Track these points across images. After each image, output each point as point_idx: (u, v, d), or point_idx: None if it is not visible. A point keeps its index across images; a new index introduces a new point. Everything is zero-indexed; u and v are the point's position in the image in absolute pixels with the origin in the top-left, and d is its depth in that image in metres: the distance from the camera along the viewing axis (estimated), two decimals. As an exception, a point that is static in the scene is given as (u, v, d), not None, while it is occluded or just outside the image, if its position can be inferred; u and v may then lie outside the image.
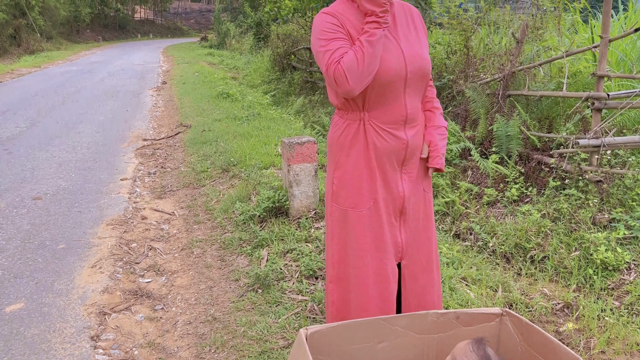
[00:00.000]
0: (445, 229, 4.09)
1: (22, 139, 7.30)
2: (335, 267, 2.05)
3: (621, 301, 2.95)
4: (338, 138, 1.98)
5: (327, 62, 1.77)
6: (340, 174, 1.98)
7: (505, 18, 7.81)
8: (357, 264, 1.97)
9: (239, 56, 20.43)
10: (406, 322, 1.60)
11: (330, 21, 1.84)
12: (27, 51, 23.31)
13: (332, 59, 1.76)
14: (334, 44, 1.80)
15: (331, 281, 2.08)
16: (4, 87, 13.17)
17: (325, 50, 1.79)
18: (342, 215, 1.98)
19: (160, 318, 2.93)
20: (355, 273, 1.98)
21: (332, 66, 1.75)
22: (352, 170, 1.94)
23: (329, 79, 1.78)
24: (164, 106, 10.43)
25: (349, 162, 1.94)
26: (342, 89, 1.76)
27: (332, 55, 1.77)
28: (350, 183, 1.95)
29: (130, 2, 55.00)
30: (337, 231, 2.01)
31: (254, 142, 6.20)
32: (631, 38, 5.80)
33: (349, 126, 1.94)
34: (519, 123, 4.72)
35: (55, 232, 4.10)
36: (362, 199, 1.94)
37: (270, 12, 10.79)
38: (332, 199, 2.02)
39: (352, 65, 1.73)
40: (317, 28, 1.85)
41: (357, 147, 1.92)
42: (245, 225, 3.97)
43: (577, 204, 3.77)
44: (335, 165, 2.00)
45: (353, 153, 1.93)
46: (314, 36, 1.87)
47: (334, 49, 1.78)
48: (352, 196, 1.95)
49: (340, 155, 1.97)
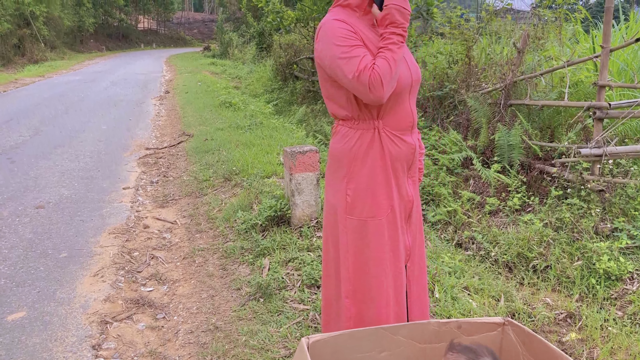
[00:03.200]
0: (447, 238, 4.08)
1: (25, 147, 7.32)
2: (351, 282, 1.99)
3: (624, 311, 2.94)
4: (351, 149, 1.93)
5: (358, 68, 1.74)
6: (354, 185, 1.94)
7: (506, 28, 7.85)
8: (378, 274, 1.95)
9: (241, 66, 20.53)
10: (408, 332, 1.60)
11: (347, 28, 1.82)
12: (31, 61, 23.46)
13: (365, 64, 1.74)
14: (358, 50, 1.78)
15: (347, 296, 2.01)
16: (8, 97, 13.24)
17: (352, 56, 1.76)
18: (360, 226, 1.94)
19: (162, 327, 2.93)
20: (376, 283, 1.96)
21: (367, 72, 1.73)
22: (368, 179, 1.92)
23: (361, 84, 1.74)
24: (167, 115, 10.47)
25: (364, 171, 1.92)
26: (375, 94, 1.74)
27: (361, 61, 1.75)
28: (367, 193, 1.93)
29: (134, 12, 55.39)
30: (353, 244, 1.97)
31: (256, 151, 6.22)
32: (632, 48, 5.82)
33: (362, 136, 1.91)
34: (521, 132, 4.73)
35: (58, 240, 4.10)
36: (381, 208, 1.93)
37: (272, 22, 10.83)
38: (346, 212, 1.96)
39: (387, 71, 1.74)
40: (334, 35, 1.81)
41: (372, 155, 1.91)
42: (247, 234, 3.97)
43: (579, 214, 3.77)
44: (349, 177, 1.95)
45: (368, 162, 1.91)
46: (331, 42, 1.81)
47: (362, 55, 1.76)
48: (369, 206, 1.93)
49: (353, 165, 1.93)
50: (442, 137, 5.60)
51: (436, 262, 3.41)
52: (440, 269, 3.29)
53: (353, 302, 2.01)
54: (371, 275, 1.96)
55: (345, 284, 2.02)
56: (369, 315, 1.99)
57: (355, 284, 1.99)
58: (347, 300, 2.02)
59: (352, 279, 1.99)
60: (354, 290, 2.00)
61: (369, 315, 1.99)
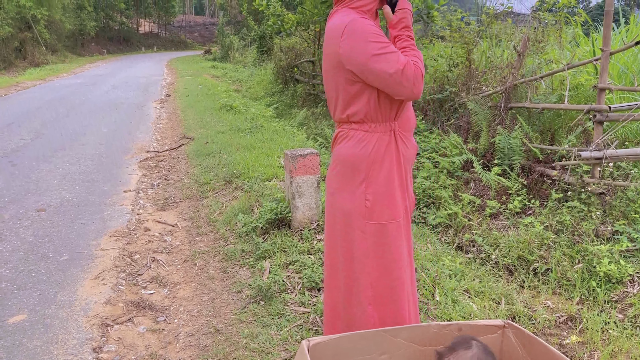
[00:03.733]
0: (447, 241, 4.09)
1: (26, 150, 7.34)
2: (373, 287, 1.98)
3: (625, 314, 2.94)
4: (369, 153, 1.92)
5: (401, 62, 1.75)
6: (374, 189, 1.93)
7: (506, 31, 7.86)
8: (400, 275, 1.97)
9: (242, 69, 20.56)
10: (408, 334, 1.60)
11: (375, 24, 1.83)
12: (32, 64, 23.49)
13: (406, 59, 1.76)
14: (393, 47, 1.79)
15: (370, 303, 1.99)
16: (9, 100, 13.26)
17: (390, 52, 1.77)
18: (381, 230, 1.94)
19: (163, 330, 2.93)
20: (398, 284, 1.97)
21: (411, 66, 1.75)
22: (386, 182, 1.93)
23: (406, 78, 1.75)
24: (168, 118, 10.48)
25: (382, 175, 1.92)
26: (418, 88, 1.77)
27: (400, 57, 1.76)
28: (385, 196, 1.93)
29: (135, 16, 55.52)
30: (374, 248, 1.96)
31: (256, 154, 6.23)
32: (632, 51, 5.83)
33: (379, 139, 1.92)
34: (521, 135, 4.73)
35: (59, 243, 4.11)
36: (398, 209, 1.95)
37: (273, 25, 10.87)
38: (365, 217, 1.95)
39: (423, 67, 1.79)
40: (367, 31, 1.79)
41: (388, 158, 1.92)
42: (247, 236, 3.98)
43: (580, 216, 3.77)
44: (368, 182, 1.94)
45: (385, 165, 1.92)
46: (363, 40, 1.78)
47: (397, 50, 1.78)
48: (389, 208, 1.94)
49: (372, 170, 1.93)
50: (443, 140, 5.60)
51: (437, 265, 3.41)
52: (440, 272, 3.30)
53: (375, 307, 1.99)
54: (393, 278, 1.97)
55: (366, 290, 1.99)
56: (391, 319, 1.98)
57: (377, 288, 1.98)
58: (370, 307, 1.99)
59: (375, 284, 1.97)
60: (375, 296, 1.98)
61: (391, 319, 1.98)
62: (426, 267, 3.35)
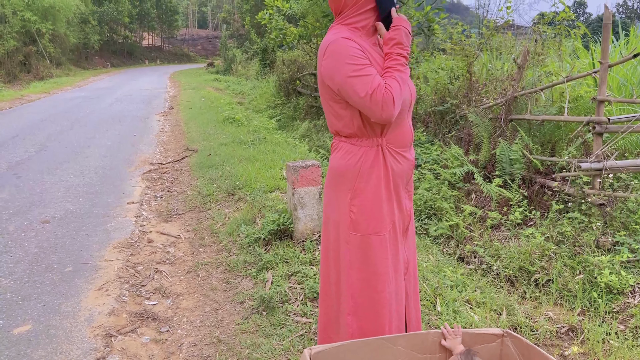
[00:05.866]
0: (449, 252, 4.10)
1: (31, 163, 7.40)
2: (354, 298, 1.99)
3: (626, 324, 2.95)
4: (355, 165, 1.94)
5: (371, 86, 1.75)
6: (359, 202, 1.95)
7: (507, 44, 7.93)
8: (383, 289, 1.96)
9: (245, 82, 20.71)
10: (408, 342, 1.62)
11: (356, 47, 1.82)
12: (37, 77, 23.69)
13: (378, 83, 1.76)
14: (370, 69, 1.79)
15: (350, 313, 2.01)
16: (14, 113, 13.37)
17: (364, 74, 1.77)
18: (364, 242, 1.95)
19: (166, 340, 2.95)
20: (380, 298, 1.97)
21: (380, 90, 1.75)
22: (373, 196, 1.94)
23: (374, 103, 1.75)
24: (171, 131, 10.56)
25: (369, 188, 1.93)
26: (387, 113, 1.76)
27: (374, 79, 1.77)
28: (371, 209, 1.94)
29: (139, 29, 56.02)
30: (357, 260, 1.97)
31: (259, 165, 6.27)
32: (632, 63, 5.88)
33: (366, 153, 1.93)
34: (522, 147, 4.77)
35: (63, 255, 4.14)
36: (384, 224, 1.96)
37: (276, 38, 10.96)
38: (350, 228, 1.97)
39: (398, 90, 1.77)
40: (345, 53, 1.80)
41: (376, 172, 1.93)
42: (250, 248, 4.00)
43: (581, 227, 3.79)
44: (353, 194, 1.96)
45: (373, 179, 1.93)
46: (341, 61, 1.81)
47: (373, 73, 1.78)
48: (374, 221, 1.94)
49: (358, 182, 1.94)
50: (444, 151, 5.64)
51: (438, 276, 3.43)
52: (442, 283, 3.31)
53: (355, 318, 2.00)
54: (376, 291, 1.97)
55: (347, 300, 2.01)
56: (370, 331, 1.99)
57: (358, 300, 1.99)
58: (349, 317, 2.01)
59: (356, 295, 1.99)
60: (356, 306, 1.99)
61: (370, 331, 1.99)
62: (427, 278, 3.37)
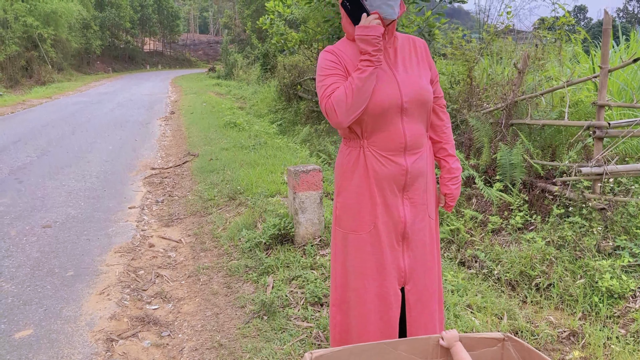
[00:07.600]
0: (450, 257, 4.10)
1: (32, 168, 7.41)
2: (338, 291, 2.13)
3: (627, 329, 2.95)
4: (341, 164, 2.08)
5: (320, 96, 1.93)
6: (342, 199, 2.08)
7: (507, 49, 7.94)
8: (357, 287, 2.04)
9: (246, 86, 20.75)
10: (409, 346, 1.62)
11: (330, 58, 1.98)
12: (39, 82, 23.79)
13: (325, 93, 1.91)
14: (329, 79, 1.94)
15: (334, 304, 2.15)
16: (16, 118, 13.41)
17: (321, 85, 1.95)
18: (344, 238, 2.07)
19: (167, 344, 2.95)
20: (355, 296, 2.05)
21: (324, 100, 1.90)
22: (354, 195, 2.02)
23: (322, 111, 1.93)
24: (172, 135, 10.58)
25: (351, 187, 2.03)
26: (332, 121, 1.90)
27: (325, 90, 1.92)
28: (352, 207, 2.04)
29: (140, 34, 56.21)
30: (340, 254, 2.10)
31: (260, 170, 6.28)
32: (632, 68, 5.89)
33: (350, 153, 2.04)
34: (522, 151, 4.77)
35: (64, 259, 4.15)
36: (363, 223, 2.01)
37: (277, 43, 11.00)
38: (336, 223, 2.12)
39: (341, 99, 1.86)
40: (319, 65, 2.00)
41: (358, 172, 2.01)
42: (251, 252, 4.01)
43: (582, 232, 3.79)
44: (338, 191, 2.11)
45: (355, 178, 2.02)
46: (317, 72, 2.01)
47: (328, 84, 1.93)
48: (353, 220, 2.04)
49: (343, 180, 2.07)
50: (445, 156, 5.63)
51: (439, 280, 3.43)
52: (443, 287, 3.31)
53: (338, 310, 2.13)
54: (351, 288, 2.06)
55: (333, 292, 2.16)
56: (351, 325, 2.09)
57: (341, 293, 2.12)
58: (334, 307, 2.15)
59: (339, 287, 2.12)
60: (340, 300, 2.12)
61: (351, 325, 2.09)
62: (428, 282, 3.37)
